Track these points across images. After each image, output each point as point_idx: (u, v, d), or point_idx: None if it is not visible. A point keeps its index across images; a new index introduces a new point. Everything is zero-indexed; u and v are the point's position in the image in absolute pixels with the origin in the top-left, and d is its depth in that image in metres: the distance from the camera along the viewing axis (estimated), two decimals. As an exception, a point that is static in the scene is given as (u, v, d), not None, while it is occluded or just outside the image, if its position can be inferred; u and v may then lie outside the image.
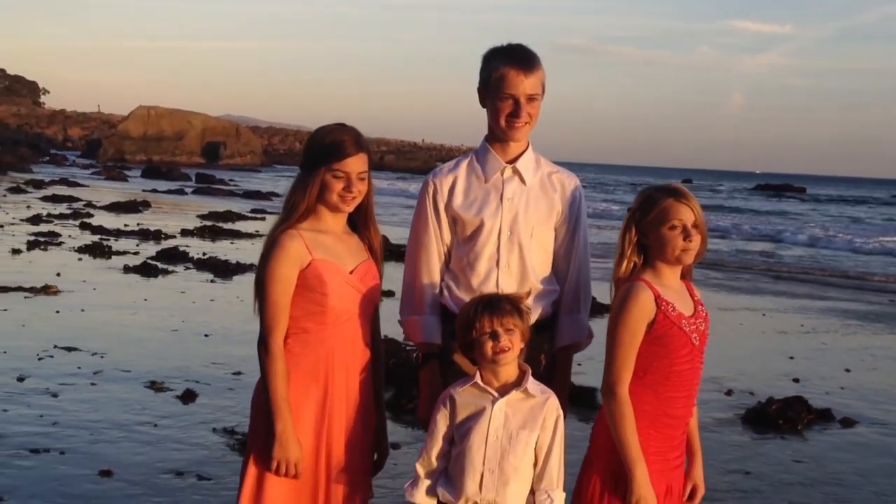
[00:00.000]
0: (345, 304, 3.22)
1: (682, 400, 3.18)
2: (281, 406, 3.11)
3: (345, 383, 3.22)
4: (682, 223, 3.11)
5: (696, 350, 3.15)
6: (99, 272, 13.50)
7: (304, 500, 3.17)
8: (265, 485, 3.14)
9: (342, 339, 3.22)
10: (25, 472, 5.33)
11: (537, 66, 3.39)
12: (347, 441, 3.23)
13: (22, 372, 7.46)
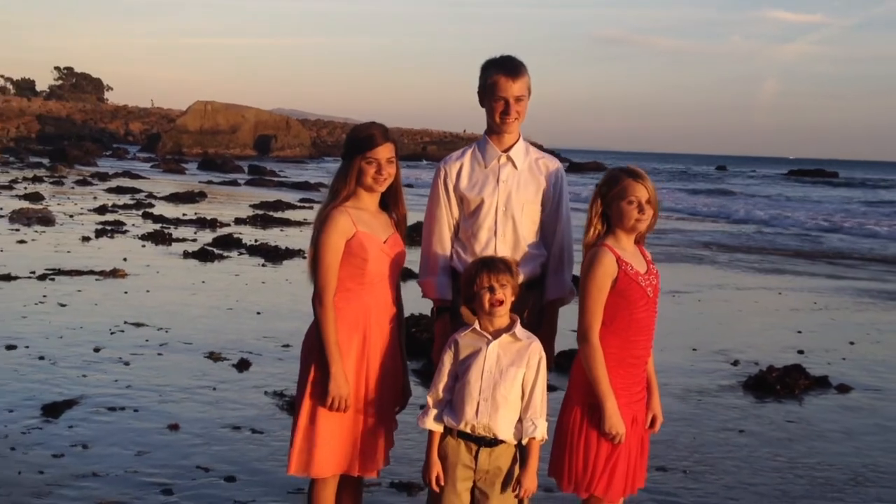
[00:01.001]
0: (379, 268, 4.01)
1: (643, 342, 3.90)
2: (333, 350, 3.88)
3: (379, 333, 4.00)
4: (638, 199, 3.84)
5: (651, 301, 3.87)
6: (161, 257, 14.46)
7: (347, 428, 3.94)
8: (318, 420, 3.91)
9: (377, 297, 4.01)
10: (105, 425, 6.20)
11: (523, 73, 4.16)
12: (381, 380, 4.01)
13: (97, 344, 8.37)
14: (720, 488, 5.63)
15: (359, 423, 3.96)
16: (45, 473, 5.24)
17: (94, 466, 5.39)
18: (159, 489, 5.11)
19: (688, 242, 22.08)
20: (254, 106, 79.44)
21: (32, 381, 7.09)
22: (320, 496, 3.99)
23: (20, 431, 5.93)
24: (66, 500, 4.90)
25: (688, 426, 6.87)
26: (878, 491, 5.72)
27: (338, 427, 3.91)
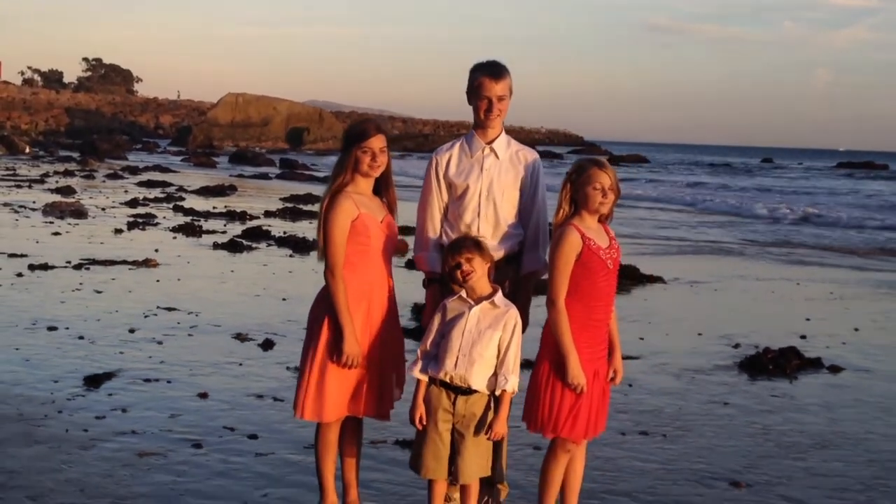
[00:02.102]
0: (379, 244, 4.61)
1: (603, 307, 4.47)
2: (346, 316, 4.48)
3: (380, 300, 4.61)
4: (602, 185, 4.41)
5: (611, 272, 4.45)
6: (191, 248, 15.14)
7: (354, 379, 4.55)
8: (327, 372, 4.52)
9: (377, 269, 4.61)
10: (140, 394, 6.84)
11: (505, 76, 4.74)
12: (383, 339, 4.62)
13: (132, 326, 9.02)
14: (693, 449, 6.18)
15: (364, 375, 4.56)
16: (88, 431, 5.88)
17: (133, 426, 6.03)
18: (190, 444, 5.74)
19: (718, 236, 22.48)
20: (286, 98, 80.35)
21: (74, 357, 7.74)
22: (327, 436, 4.61)
23: (65, 398, 6.57)
24: (109, 451, 5.54)
25: (676, 399, 7.40)
26: (840, 453, 6.25)
27: (346, 379, 4.52)
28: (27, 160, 42.19)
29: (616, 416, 6.79)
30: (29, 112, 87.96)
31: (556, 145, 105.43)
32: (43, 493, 4.88)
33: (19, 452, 5.46)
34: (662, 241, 20.51)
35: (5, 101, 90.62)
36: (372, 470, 5.39)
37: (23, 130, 72.11)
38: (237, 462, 5.52)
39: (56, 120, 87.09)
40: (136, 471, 5.28)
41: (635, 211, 28.28)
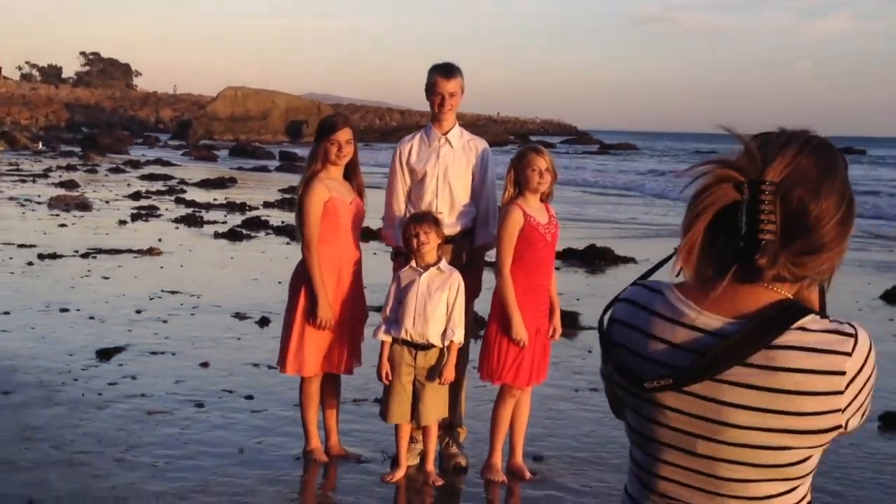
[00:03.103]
0: (347, 223, 5.37)
1: (542, 275, 5.25)
2: (320, 285, 5.26)
3: (348, 271, 5.39)
4: (539, 168, 5.17)
5: (549, 244, 5.23)
6: (193, 238, 15.90)
7: (328, 339, 5.33)
8: (305, 334, 5.30)
9: (346, 245, 5.39)
10: (148, 364, 7.60)
11: (456, 75, 5.49)
12: (351, 305, 5.40)
13: (138, 307, 9.78)
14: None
15: (336, 335, 5.33)
16: (102, 395, 6.65)
17: (142, 390, 6.80)
18: (193, 404, 6.52)
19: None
20: (285, 91, 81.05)
21: (86, 335, 8.51)
22: (308, 389, 5.42)
23: (80, 368, 7.34)
24: (121, 410, 6.32)
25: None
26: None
27: (321, 339, 5.30)
28: (29, 155, 42.94)
29: (572, 376, 7.59)
30: (28, 107, 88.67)
31: (550, 135, 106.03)
32: (64, 444, 5.66)
33: (41, 412, 6.23)
34: (641, 226, 21.29)
35: (4, 96, 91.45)
36: (353, 423, 6.16)
37: (23, 126, 72.81)
38: (235, 417, 6.29)
39: (56, 115, 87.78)
40: (146, 425, 6.05)
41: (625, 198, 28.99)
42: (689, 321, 1.68)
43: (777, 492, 1.67)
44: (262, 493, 5.05)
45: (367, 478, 5.35)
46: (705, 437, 1.66)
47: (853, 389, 1.62)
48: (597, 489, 5.30)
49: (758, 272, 1.63)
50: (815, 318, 1.63)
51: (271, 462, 5.52)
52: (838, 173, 1.68)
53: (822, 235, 1.64)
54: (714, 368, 1.61)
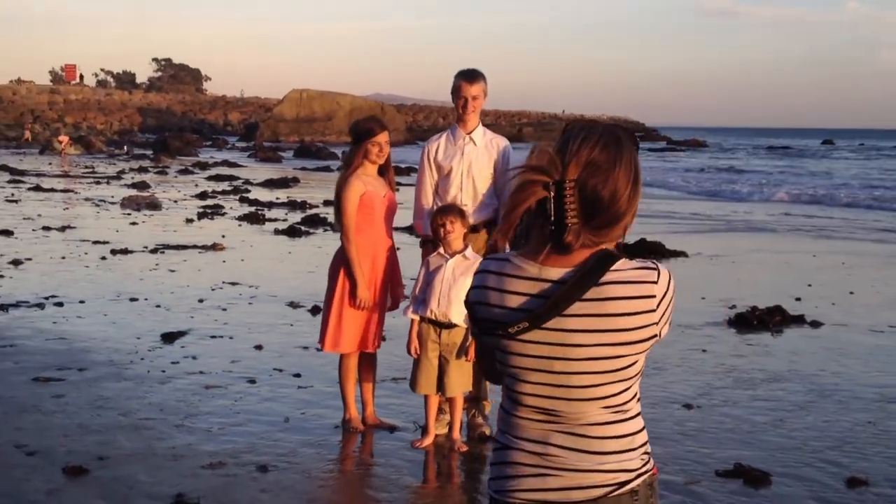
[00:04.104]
0: (381, 214, 5.94)
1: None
2: (358, 270, 5.85)
3: (381, 256, 5.96)
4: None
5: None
6: (255, 234, 16.64)
7: (364, 319, 5.90)
8: (343, 314, 5.88)
9: (380, 233, 5.96)
10: (207, 346, 8.25)
11: (479, 80, 6.02)
12: (384, 287, 5.97)
13: (201, 297, 10.47)
14: (661, 383, 7.41)
15: (370, 316, 5.91)
16: (165, 372, 7.31)
17: (200, 368, 7.45)
18: (246, 380, 7.15)
19: (759, 216, 23.46)
20: (350, 92, 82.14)
21: (152, 321, 9.20)
22: (345, 365, 6.00)
23: (146, 349, 8.02)
24: (182, 385, 6.97)
25: (660, 347, 8.57)
26: (786, 384, 7.45)
27: (357, 319, 5.88)
28: (104, 158, 44.34)
29: (604, 360, 8.04)
30: (104, 112, 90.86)
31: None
32: (130, 412, 6.31)
33: (111, 386, 6.90)
34: (695, 221, 21.60)
35: (81, 102, 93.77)
36: (391, 398, 6.74)
37: (98, 130, 74.79)
38: (282, 392, 6.91)
39: (129, 119, 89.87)
40: (203, 397, 6.69)
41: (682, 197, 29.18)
42: (535, 276, 2.27)
43: (616, 391, 2.27)
44: (303, 454, 5.64)
45: (399, 444, 5.92)
46: (560, 358, 2.25)
47: (662, 307, 2.26)
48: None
49: (567, 247, 2.22)
50: (626, 261, 2.24)
51: (313, 429, 6.11)
52: (624, 160, 2.25)
53: (617, 209, 2.24)
54: (559, 307, 2.21)
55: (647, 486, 2.33)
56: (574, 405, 2.28)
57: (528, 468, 2.33)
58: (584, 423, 2.28)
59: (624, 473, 2.28)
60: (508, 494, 2.35)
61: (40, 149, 49.98)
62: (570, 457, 2.29)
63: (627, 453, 2.30)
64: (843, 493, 5.26)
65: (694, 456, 5.76)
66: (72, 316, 9.29)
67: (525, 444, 2.34)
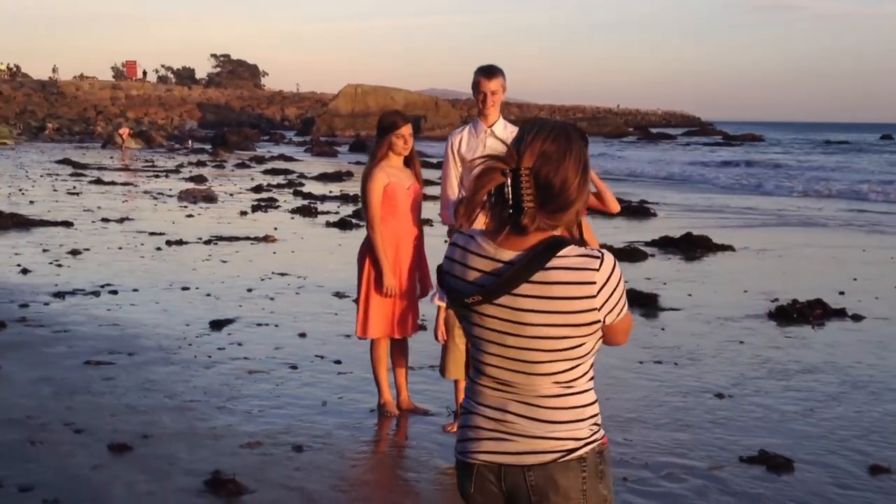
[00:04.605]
0: (405, 204, 6.13)
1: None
2: (383, 258, 6.04)
3: (406, 245, 6.15)
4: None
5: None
6: (306, 227, 16.93)
7: (389, 306, 6.10)
8: (370, 301, 6.09)
9: (405, 223, 6.14)
10: (253, 334, 8.50)
11: (497, 75, 6.17)
12: (409, 275, 6.15)
13: (250, 286, 10.75)
14: (695, 373, 7.51)
15: (397, 302, 6.10)
16: (211, 357, 7.57)
17: (245, 354, 7.70)
18: (288, 366, 7.38)
19: (812, 211, 23.32)
20: (405, 87, 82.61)
21: (202, 309, 9.48)
22: (376, 350, 6.22)
23: (194, 335, 8.29)
24: (226, 369, 7.22)
25: (698, 339, 8.69)
26: (820, 376, 7.50)
27: (384, 306, 6.08)
28: (164, 152, 45.15)
29: (640, 350, 8.17)
30: (164, 108, 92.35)
31: (672, 127, 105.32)
32: (176, 394, 6.57)
33: (159, 370, 7.17)
34: (747, 215, 21.53)
35: (143, 98, 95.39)
36: (426, 384, 6.93)
37: (159, 125, 76.03)
38: (322, 377, 7.13)
39: (189, 114, 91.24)
40: (246, 381, 6.93)
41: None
42: (491, 255, 2.51)
43: (564, 368, 2.50)
44: (338, 436, 5.84)
45: (431, 428, 6.10)
46: (512, 334, 2.48)
47: (603, 294, 2.45)
48: (637, 441, 5.90)
49: (524, 229, 2.45)
50: (574, 248, 2.46)
51: (349, 413, 6.32)
52: (573, 152, 2.49)
53: (568, 196, 2.47)
54: (508, 286, 2.44)
55: (596, 454, 2.55)
56: (527, 378, 2.51)
57: (488, 432, 2.56)
58: (537, 395, 2.51)
59: (573, 441, 2.51)
60: (470, 455, 2.59)
61: (102, 143, 51.04)
62: (524, 424, 2.52)
63: (577, 423, 2.52)
64: (863, 479, 5.34)
65: (720, 443, 5.87)
66: (125, 303, 9.61)
67: (485, 411, 2.57)
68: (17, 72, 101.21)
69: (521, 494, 2.54)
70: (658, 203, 23.34)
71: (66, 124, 69.56)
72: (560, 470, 2.51)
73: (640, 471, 5.39)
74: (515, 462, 2.53)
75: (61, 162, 33.31)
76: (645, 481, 5.24)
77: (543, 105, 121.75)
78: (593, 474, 2.54)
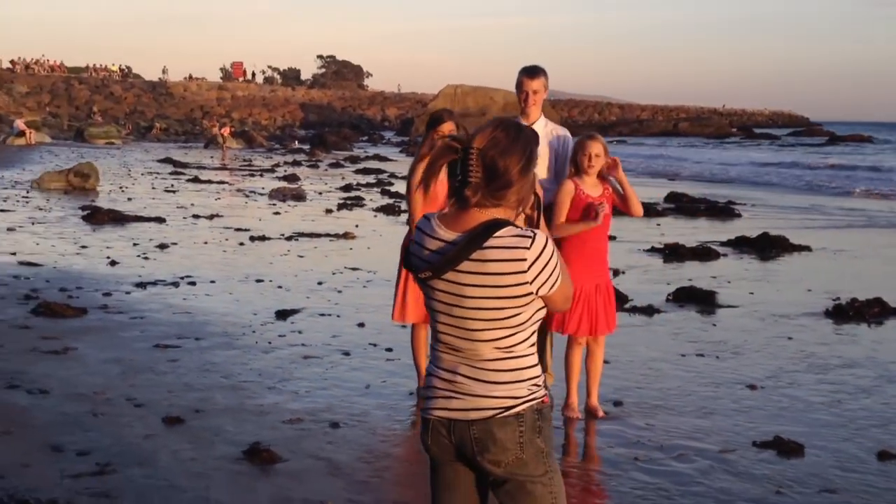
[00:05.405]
0: (444, 198, 6.46)
1: (595, 239, 6.21)
2: None
3: None
4: (590, 153, 6.13)
5: None
6: (387, 225, 17.44)
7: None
8: (407, 288, 6.49)
9: None
10: (315, 323, 8.97)
11: (539, 75, 6.49)
12: None
13: (321, 280, 11.25)
14: (733, 365, 7.73)
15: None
16: (271, 343, 8.06)
17: (303, 341, 8.18)
18: (341, 353, 7.83)
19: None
20: (505, 88, 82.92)
21: (272, 300, 10.01)
22: (416, 336, 6.62)
23: (259, 324, 8.81)
24: (283, 354, 7.71)
25: (746, 335, 8.85)
26: (858, 371, 7.64)
27: (421, 293, 6.44)
28: (263, 152, 46.40)
29: (685, 344, 8.41)
30: (268, 108, 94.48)
31: (778, 127, 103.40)
32: (231, 375, 7.07)
33: (220, 353, 7.69)
34: (836, 217, 21.33)
35: (247, 98, 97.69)
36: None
37: (262, 126, 77.92)
38: (372, 364, 7.55)
39: (291, 115, 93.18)
40: (299, 365, 7.40)
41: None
42: (438, 235, 2.89)
43: (503, 335, 2.87)
44: (374, 415, 6.26)
45: (465, 409, 6.46)
46: (457, 306, 2.87)
47: (534, 270, 2.81)
48: (658, 426, 6.17)
49: (468, 201, 2.85)
50: (510, 229, 2.82)
51: (389, 395, 6.73)
52: (520, 143, 2.90)
53: (509, 179, 2.85)
54: (451, 264, 2.82)
55: (535, 411, 2.92)
56: (471, 344, 2.89)
57: (441, 391, 2.96)
58: (481, 359, 2.89)
59: (511, 400, 2.88)
60: (429, 412, 3.00)
61: (205, 143, 52.62)
62: (470, 384, 2.90)
63: (516, 384, 2.89)
64: (869, 464, 5.53)
65: (739, 429, 6.10)
66: (201, 294, 10.21)
67: (441, 373, 2.97)
68: (129, 73, 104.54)
69: (467, 446, 2.92)
70: (745, 204, 23.24)
71: (172, 125, 71.82)
72: (498, 424, 2.87)
73: (653, 452, 5.68)
74: (462, 417, 2.90)
75: (163, 161, 34.64)
76: (655, 461, 5.53)
77: (646, 105, 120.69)
78: (531, 429, 2.90)
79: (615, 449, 5.77)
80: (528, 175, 2.89)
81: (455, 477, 3.04)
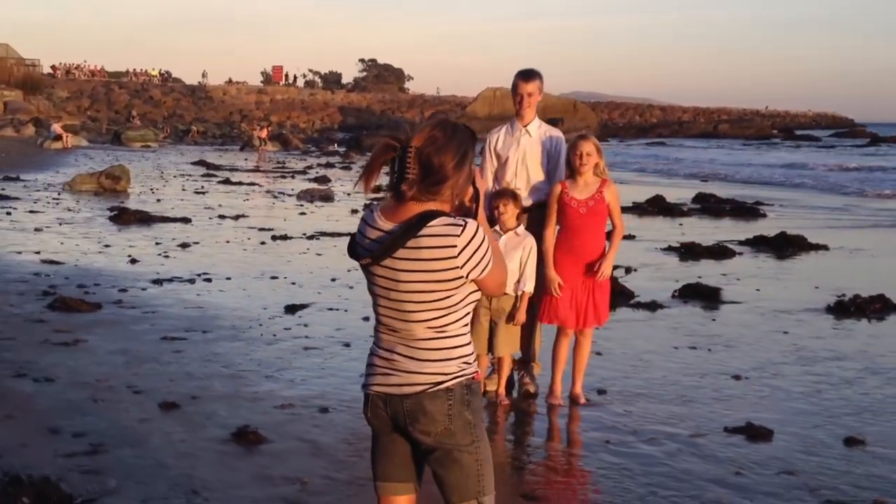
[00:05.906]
0: None
1: (582, 238, 6.39)
2: None
3: None
4: (581, 151, 6.34)
5: (584, 215, 6.38)
6: (410, 224, 17.69)
7: None
8: None
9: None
10: (321, 317, 9.24)
11: (534, 78, 6.72)
12: None
13: (334, 276, 11.53)
14: (723, 357, 7.91)
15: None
16: (275, 336, 8.35)
17: (307, 334, 8.45)
18: (342, 344, 8.10)
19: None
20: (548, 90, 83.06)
21: (283, 295, 10.30)
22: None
23: (267, 318, 9.11)
24: (285, 346, 7.99)
25: (743, 329, 9.01)
26: (847, 363, 7.79)
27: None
28: (297, 155, 46.91)
29: (681, 337, 8.59)
30: (307, 111, 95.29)
31: (821, 128, 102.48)
32: (232, 365, 7.36)
33: (225, 345, 7.99)
34: (863, 217, 21.33)
35: (287, 101, 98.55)
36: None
37: (300, 129, 78.64)
38: (370, 354, 7.79)
39: (330, 118, 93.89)
40: (299, 357, 7.68)
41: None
42: (378, 226, 3.12)
43: (435, 316, 3.10)
44: (363, 401, 6.51)
45: (452, 397, 6.69)
46: (393, 290, 3.10)
47: (464, 255, 3.03)
48: (635, 413, 6.38)
49: (404, 195, 3.05)
50: (444, 219, 3.04)
51: (381, 383, 6.97)
52: (455, 142, 3.09)
53: (444, 174, 3.06)
54: (387, 251, 3.05)
55: (464, 386, 3.15)
56: (406, 325, 3.13)
57: (380, 368, 3.22)
58: (415, 339, 3.13)
59: (441, 376, 3.12)
60: (368, 388, 3.27)
61: (241, 145, 53.23)
62: (404, 362, 3.14)
63: (446, 361, 3.13)
64: (835, 449, 5.70)
65: (714, 416, 6.29)
66: (215, 290, 10.53)
67: (380, 352, 3.23)
68: (169, 77, 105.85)
69: (400, 418, 3.17)
70: (773, 204, 23.28)
71: (210, 128, 72.68)
72: (428, 398, 3.11)
73: (625, 436, 5.89)
74: (396, 392, 3.15)
75: (196, 163, 35.18)
76: (626, 444, 5.74)
77: (688, 107, 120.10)
78: (459, 402, 3.13)
79: (589, 433, 6.00)
80: (462, 170, 3.10)
81: (392, 446, 3.28)
